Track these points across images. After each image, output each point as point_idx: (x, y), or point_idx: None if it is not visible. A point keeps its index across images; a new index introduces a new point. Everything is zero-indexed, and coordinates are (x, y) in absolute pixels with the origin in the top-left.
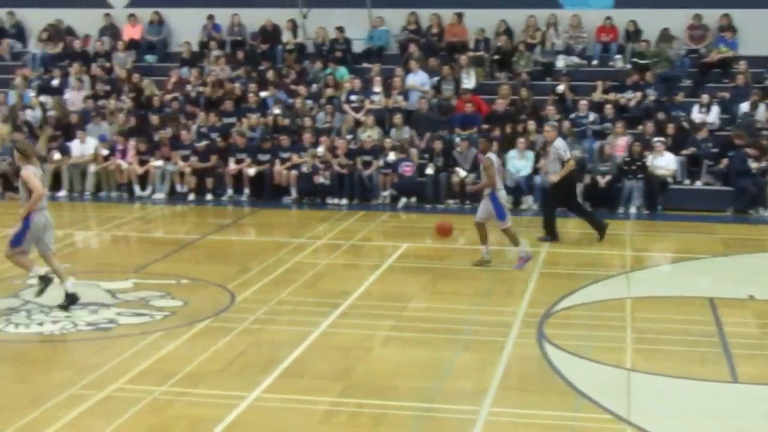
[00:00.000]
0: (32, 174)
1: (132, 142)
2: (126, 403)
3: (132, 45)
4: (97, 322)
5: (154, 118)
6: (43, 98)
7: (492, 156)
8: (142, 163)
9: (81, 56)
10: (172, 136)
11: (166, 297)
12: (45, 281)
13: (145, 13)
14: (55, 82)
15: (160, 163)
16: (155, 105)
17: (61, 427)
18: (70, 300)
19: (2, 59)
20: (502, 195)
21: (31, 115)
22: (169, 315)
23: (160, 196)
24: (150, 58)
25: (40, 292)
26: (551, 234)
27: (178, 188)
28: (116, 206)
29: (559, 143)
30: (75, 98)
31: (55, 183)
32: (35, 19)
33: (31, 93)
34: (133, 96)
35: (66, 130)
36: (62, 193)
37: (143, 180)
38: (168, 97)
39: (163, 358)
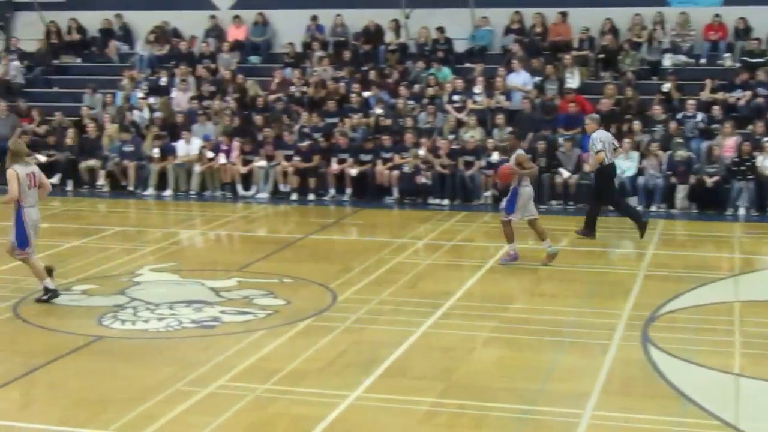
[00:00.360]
0: (14, 175)
1: (236, 142)
2: (229, 401)
3: (236, 46)
4: (201, 320)
5: (258, 119)
6: (150, 99)
7: (522, 151)
8: (246, 162)
9: (187, 57)
10: (276, 136)
11: (269, 296)
12: (52, 294)
13: (250, 15)
14: (162, 83)
15: (263, 163)
16: (259, 105)
17: (166, 423)
18: (52, 295)
19: (110, 61)
20: (526, 192)
21: (138, 115)
22: (272, 314)
23: (263, 195)
24: (254, 59)
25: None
26: (589, 229)
27: (281, 188)
28: (220, 205)
29: (597, 135)
30: (181, 99)
31: (161, 182)
32: (142, 22)
33: (138, 94)
34: (237, 96)
35: (171, 130)
36: (168, 192)
37: (246, 180)
38: (271, 97)
39: (266, 357)
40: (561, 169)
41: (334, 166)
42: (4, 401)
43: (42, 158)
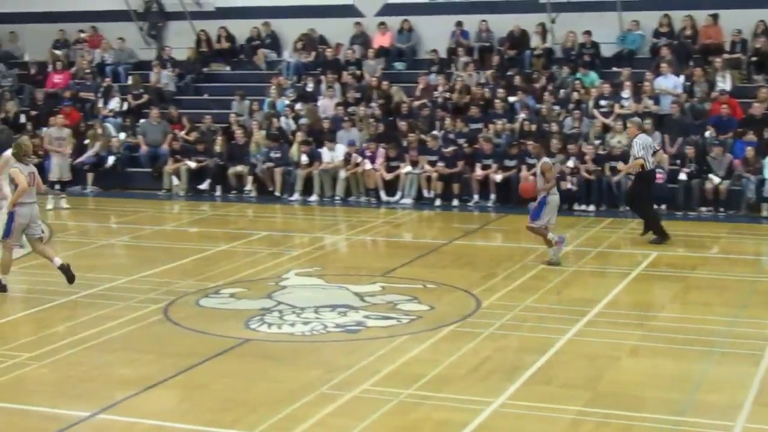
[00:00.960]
0: (18, 171)
1: (381, 148)
2: (373, 405)
3: (382, 52)
4: (346, 324)
5: (402, 124)
6: (296, 105)
7: (548, 160)
8: (390, 168)
9: (332, 64)
10: (420, 142)
11: (413, 301)
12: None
13: (395, 21)
14: (308, 90)
15: (408, 168)
16: (403, 111)
17: (312, 425)
18: (66, 271)
19: (258, 68)
20: (554, 200)
21: (285, 122)
22: (416, 319)
23: (407, 201)
24: (399, 65)
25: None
26: (660, 234)
27: (425, 193)
28: (364, 211)
29: (638, 140)
30: (327, 105)
31: (307, 188)
32: (289, 29)
33: (285, 101)
34: (381, 103)
35: (317, 136)
36: (313, 197)
37: (390, 185)
38: (416, 103)
39: (409, 362)
40: (711, 175)
41: (479, 172)
42: (154, 401)
43: (192, 164)
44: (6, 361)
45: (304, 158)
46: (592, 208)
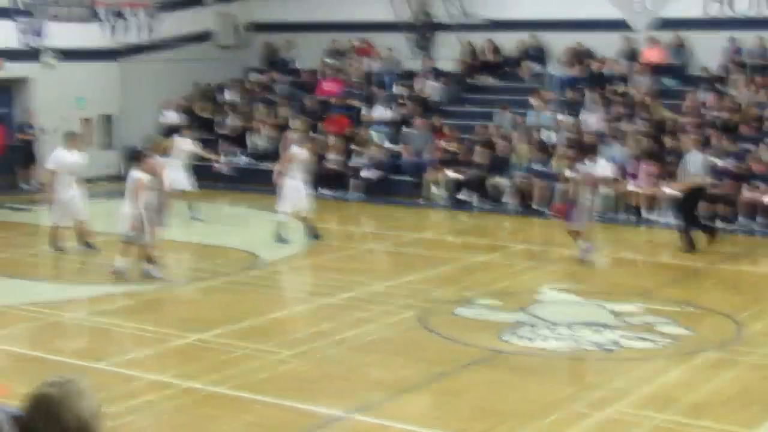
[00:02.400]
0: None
1: (644, 166)
2: (626, 427)
3: (650, 68)
4: (601, 343)
5: (668, 142)
6: (560, 118)
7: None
8: (653, 186)
9: (598, 78)
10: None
11: (671, 323)
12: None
13: (666, 36)
14: (573, 104)
15: (669, 189)
16: (669, 128)
17: None
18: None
19: (522, 81)
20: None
21: (547, 135)
22: (673, 342)
23: (669, 220)
24: (668, 82)
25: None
26: (689, 244)
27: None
28: (624, 228)
29: (692, 156)
30: (591, 120)
31: None
32: (556, 42)
33: (548, 114)
34: (648, 118)
35: (580, 150)
36: None
37: (652, 203)
38: (683, 120)
39: (665, 385)
40: None
41: (746, 194)
42: (407, 406)
43: (453, 174)
44: (268, 357)
45: (568, 172)
46: None
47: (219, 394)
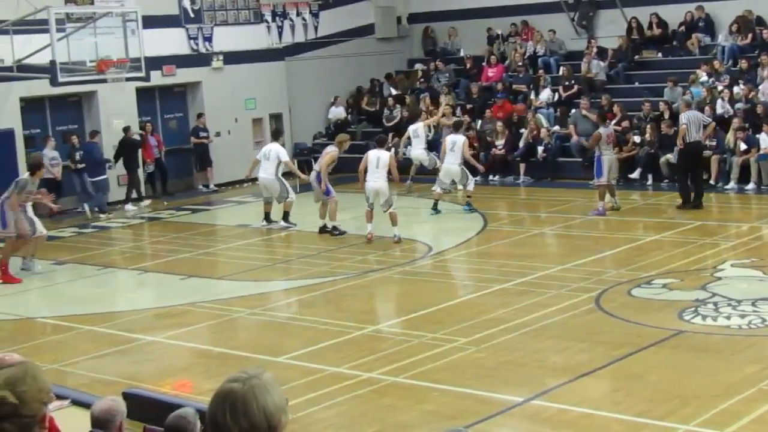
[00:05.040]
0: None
1: None
2: None
3: None
4: None
5: None
6: (734, 90)
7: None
8: None
9: None
10: None
11: None
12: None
13: None
14: (744, 73)
15: None
16: None
17: (750, 422)
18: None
19: (691, 54)
20: (607, 159)
21: (721, 105)
22: None
23: None
24: None
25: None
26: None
27: None
28: None
29: (685, 114)
30: (766, 89)
31: (743, 176)
32: (725, 12)
33: (720, 86)
34: None
35: (755, 122)
36: (750, 186)
37: None
38: None
39: None
40: None
41: None
42: (586, 389)
43: (621, 154)
44: (444, 345)
45: (742, 145)
46: None
47: (397, 383)
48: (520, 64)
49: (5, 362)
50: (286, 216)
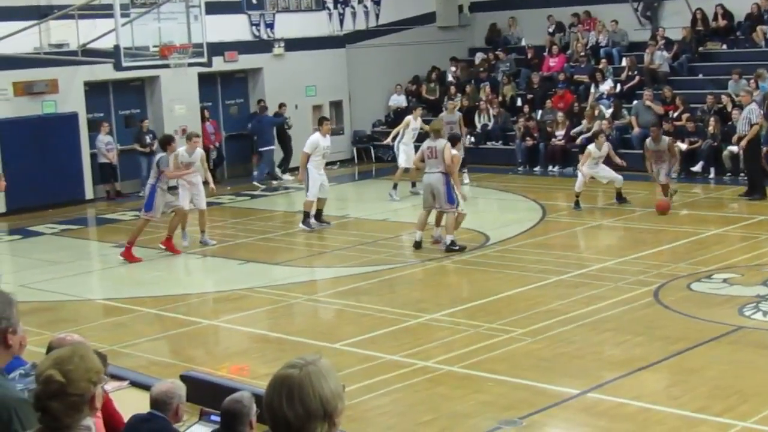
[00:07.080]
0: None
1: None
2: None
3: None
4: None
5: None
6: None
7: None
8: None
9: None
10: None
11: None
12: None
13: None
14: None
15: None
16: None
17: None
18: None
19: (756, 46)
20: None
21: None
22: None
23: None
24: None
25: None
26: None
27: None
28: None
29: (752, 107)
30: None
31: None
32: None
33: None
34: None
35: None
36: None
37: None
38: None
39: None
40: None
41: None
42: (643, 384)
43: (683, 146)
44: (500, 336)
45: None
46: None
47: (452, 373)
48: (582, 54)
49: (65, 342)
50: (305, 217)
